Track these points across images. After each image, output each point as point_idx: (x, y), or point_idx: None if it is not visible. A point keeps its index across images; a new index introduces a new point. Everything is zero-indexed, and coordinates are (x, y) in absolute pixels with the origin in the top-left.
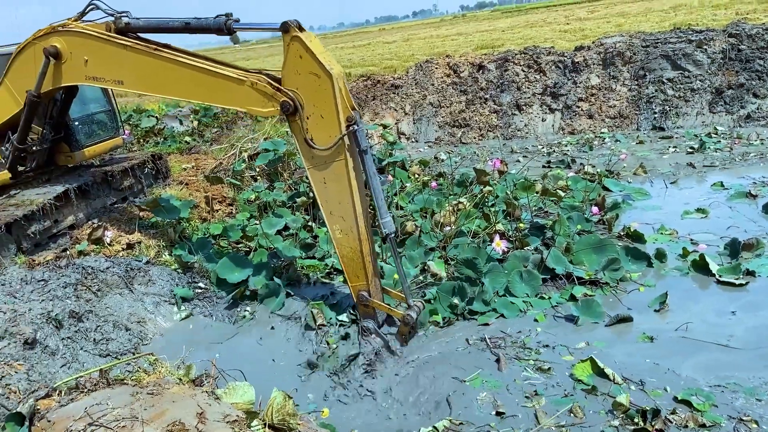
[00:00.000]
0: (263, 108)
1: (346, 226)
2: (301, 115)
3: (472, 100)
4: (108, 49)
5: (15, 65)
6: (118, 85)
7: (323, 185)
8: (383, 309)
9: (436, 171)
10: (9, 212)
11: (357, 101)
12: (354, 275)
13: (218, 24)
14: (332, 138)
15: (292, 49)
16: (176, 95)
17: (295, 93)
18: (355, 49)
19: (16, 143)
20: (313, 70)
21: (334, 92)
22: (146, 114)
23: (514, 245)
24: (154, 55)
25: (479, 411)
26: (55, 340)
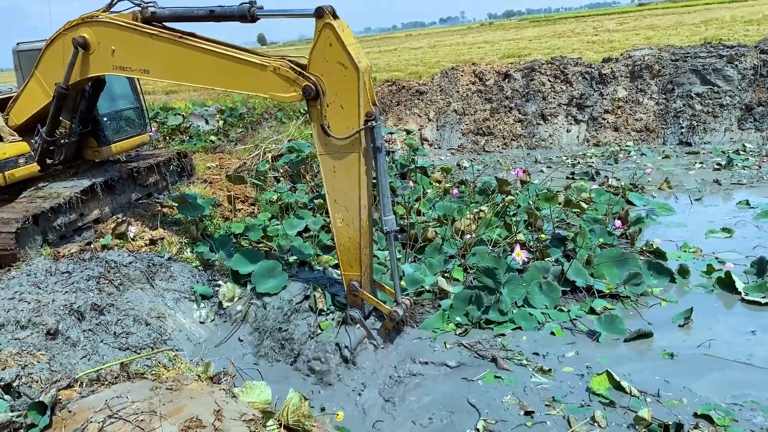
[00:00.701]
0: (285, 93)
1: (348, 217)
2: (321, 101)
3: (496, 108)
4: (135, 39)
5: (45, 57)
6: (144, 74)
7: (332, 173)
8: (372, 302)
9: (458, 178)
10: (37, 204)
11: (381, 106)
12: (348, 265)
13: (242, 11)
14: (349, 129)
15: (323, 36)
16: (201, 82)
17: (319, 79)
18: (381, 54)
19: (44, 135)
20: (341, 59)
21: (359, 86)
22: (173, 112)
23: (535, 256)
24: (179, 43)
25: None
26: (77, 331)
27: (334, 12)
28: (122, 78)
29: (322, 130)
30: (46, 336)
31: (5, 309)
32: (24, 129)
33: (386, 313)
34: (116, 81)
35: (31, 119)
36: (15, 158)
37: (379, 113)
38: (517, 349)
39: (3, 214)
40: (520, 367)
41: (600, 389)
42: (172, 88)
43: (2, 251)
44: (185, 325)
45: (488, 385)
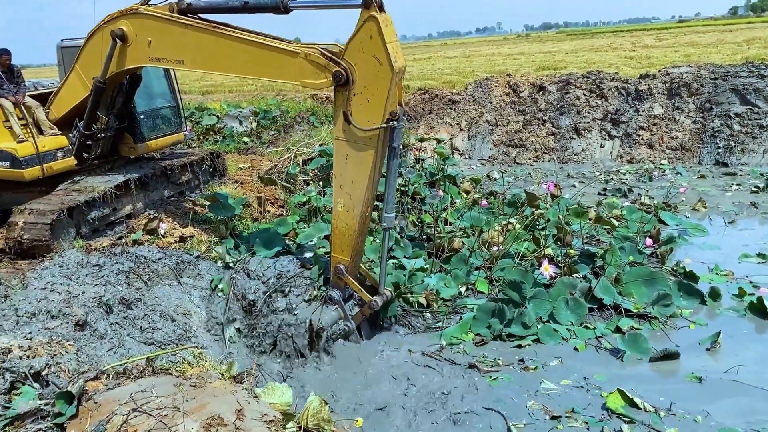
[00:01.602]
0: (316, 80)
1: (349, 204)
2: (349, 89)
3: (529, 120)
4: (171, 29)
5: (85, 50)
6: (179, 65)
7: (344, 160)
8: (355, 288)
9: (488, 189)
10: (72, 197)
11: (413, 114)
12: (339, 249)
13: (275, 2)
14: (370, 123)
15: (366, 27)
16: (234, 71)
17: (351, 67)
18: (416, 62)
19: (82, 129)
20: (378, 54)
21: (390, 84)
22: (208, 112)
23: (562, 271)
24: (213, 32)
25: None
26: (104, 324)
27: (381, 5)
28: (160, 77)
29: (344, 116)
30: (75, 327)
31: (37, 298)
32: (63, 123)
33: (367, 301)
34: (155, 79)
35: (70, 113)
36: (54, 152)
37: (402, 114)
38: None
39: (39, 206)
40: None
41: (616, 406)
42: (208, 88)
43: (37, 242)
44: (210, 323)
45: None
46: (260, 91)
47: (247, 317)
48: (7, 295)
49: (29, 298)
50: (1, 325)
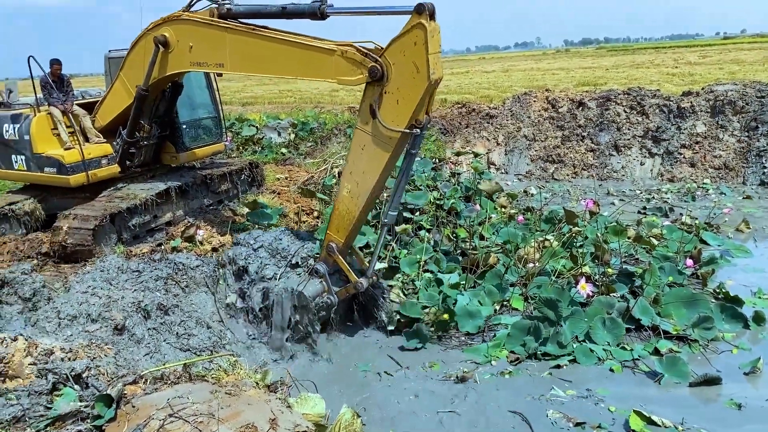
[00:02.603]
0: (352, 76)
1: (355, 192)
2: (382, 85)
3: (568, 136)
4: (211, 33)
5: (129, 58)
6: (219, 68)
7: (360, 150)
8: (343, 267)
9: (524, 205)
10: (115, 204)
11: (449, 128)
12: (335, 229)
13: (312, 8)
14: (394, 123)
15: (413, 33)
16: (272, 72)
17: (388, 66)
18: (453, 76)
19: (125, 137)
20: (418, 62)
21: (422, 94)
22: (248, 123)
23: (600, 290)
24: (251, 34)
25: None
26: (142, 329)
27: (433, 13)
28: (203, 87)
29: (371, 110)
30: (113, 331)
31: (78, 302)
32: (108, 131)
33: (352, 281)
34: (197, 90)
35: (114, 121)
36: (99, 159)
37: (428, 123)
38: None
39: (83, 212)
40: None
41: (637, 427)
42: (248, 100)
43: (80, 246)
44: (245, 331)
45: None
46: (298, 103)
47: (238, 282)
48: (50, 298)
49: (71, 301)
50: (44, 327)
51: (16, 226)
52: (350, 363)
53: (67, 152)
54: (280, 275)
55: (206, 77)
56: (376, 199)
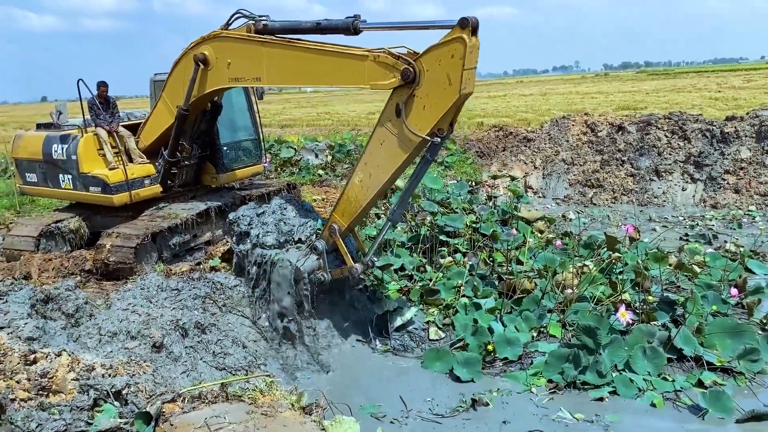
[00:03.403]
0: (385, 80)
1: (366, 183)
2: (413, 87)
3: (607, 160)
4: (248, 48)
5: (171, 78)
6: (256, 82)
7: (379, 145)
8: (342, 250)
9: (562, 230)
10: (156, 223)
11: (486, 150)
12: (341, 213)
13: (346, 24)
14: (417, 127)
15: (452, 46)
16: (307, 82)
17: (422, 71)
18: (491, 99)
19: (166, 157)
20: (452, 75)
21: (450, 106)
22: (286, 145)
23: (640, 318)
24: (287, 47)
25: None
26: (180, 347)
27: (476, 28)
28: (244, 110)
29: (397, 109)
30: (152, 348)
31: (119, 319)
32: (151, 151)
33: (348, 265)
34: (239, 113)
35: (157, 141)
36: (141, 179)
37: (449, 134)
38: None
39: (125, 230)
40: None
41: None
42: (287, 122)
43: (122, 264)
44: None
45: None
46: (336, 126)
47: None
48: (92, 314)
49: (111, 318)
50: (85, 343)
51: (62, 243)
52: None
53: (111, 172)
54: (279, 245)
55: (247, 100)
56: (384, 193)
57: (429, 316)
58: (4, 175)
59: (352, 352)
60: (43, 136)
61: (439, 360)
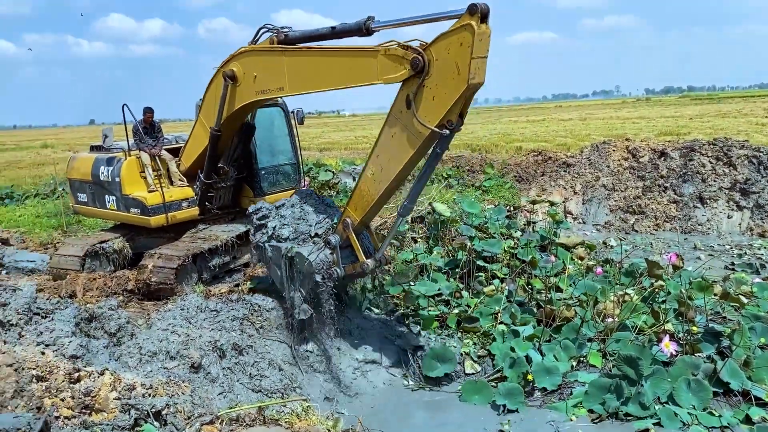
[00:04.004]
0: (396, 73)
1: (378, 176)
2: (422, 77)
3: (649, 187)
4: (271, 59)
5: (205, 99)
6: (280, 92)
7: (390, 137)
8: (354, 245)
9: (603, 257)
10: (197, 244)
11: (525, 175)
12: (354, 206)
13: (358, 25)
14: (426, 119)
15: (460, 34)
16: (324, 85)
17: (432, 60)
18: (529, 124)
19: (202, 178)
20: (460, 64)
21: (459, 96)
22: (324, 168)
23: (684, 349)
24: (304, 53)
25: None
26: (217, 368)
27: (486, 15)
28: (284, 135)
29: (407, 99)
30: (190, 369)
31: (159, 339)
32: (191, 174)
33: (360, 261)
34: (279, 138)
35: (195, 164)
36: (179, 202)
37: (459, 126)
38: None
39: (167, 251)
40: None
41: None
42: (325, 145)
43: (163, 284)
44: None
45: None
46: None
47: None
48: (133, 334)
49: (152, 337)
50: (126, 362)
51: (106, 263)
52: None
53: (150, 195)
54: (294, 238)
55: (287, 125)
56: (397, 187)
57: (464, 347)
58: (53, 195)
59: (389, 380)
60: (92, 158)
61: (477, 393)
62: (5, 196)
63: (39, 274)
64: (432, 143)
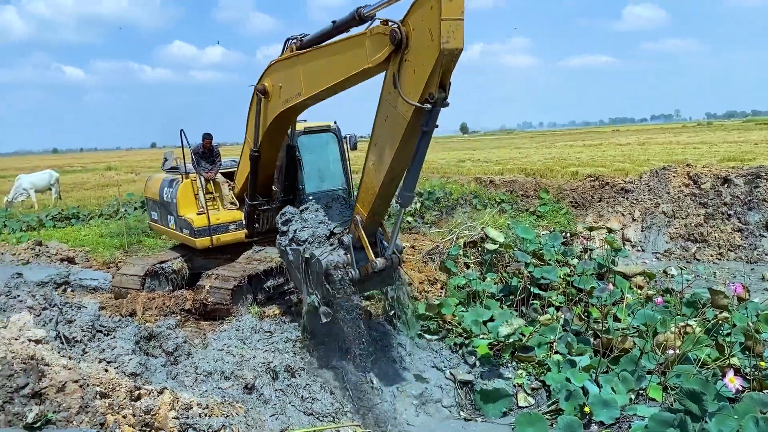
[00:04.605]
0: (381, 51)
1: (378, 164)
2: (402, 52)
3: (712, 214)
4: (289, 66)
5: (248, 119)
6: (298, 98)
7: (384, 120)
8: (363, 242)
9: (663, 286)
10: (253, 266)
11: (581, 201)
12: (362, 202)
13: (352, 15)
14: (411, 96)
15: None
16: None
17: (409, 31)
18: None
19: (247, 200)
20: (433, 29)
21: (435, 63)
22: None
23: (751, 385)
24: (310, 54)
25: None
26: (270, 390)
27: None
28: (337, 161)
29: (393, 79)
30: (243, 389)
31: (214, 359)
32: (243, 197)
33: (369, 259)
34: (331, 163)
35: (244, 186)
36: (226, 224)
37: (443, 99)
38: None
39: (224, 272)
40: None
41: None
42: None
43: (219, 305)
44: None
45: None
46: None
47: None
48: (189, 353)
49: (207, 357)
50: (182, 381)
51: (165, 282)
52: None
53: (197, 217)
54: (312, 241)
55: (340, 149)
56: (398, 176)
57: (518, 378)
58: (116, 216)
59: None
60: (161, 179)
61: (532, 425)
62: (72, 216)
63: (102, 292)
64: (420, 122)
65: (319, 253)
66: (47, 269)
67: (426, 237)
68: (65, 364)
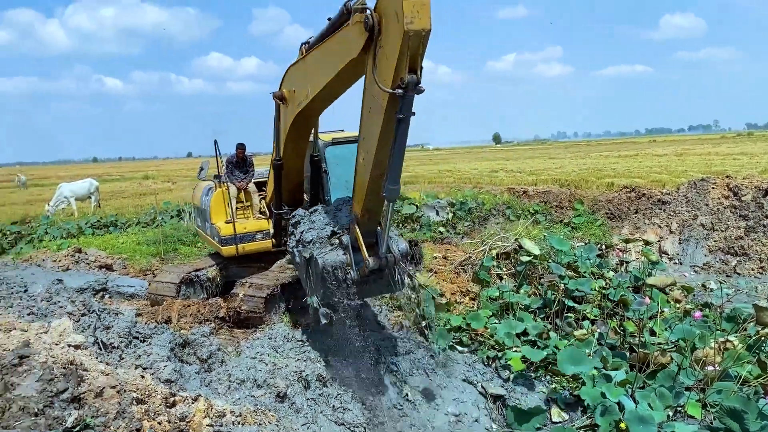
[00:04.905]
0: (360, 37)
1: (367, 159)
2: (376, 40)
3: (753, 227)
4: (298, 69)
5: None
6: (307, 99)
7: (368, 111)
8: (358, 240)
9: (702, 300)
10: (286, 275)
11: (617, 213)
12: (356, 200)
13: (341, 10)
14: (384, 82)
15: None
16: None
17: (381, 16)
18: (621, 159)
19: (273, 209)
20: (398, 10)
21: (401, 45)
22: (408, 201)
23: None
24: (310, 53)
25: None
26: (301, 398)
27: None
28: None
29: (372, 66)
30: (276, 398)
31: (247, 367)
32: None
33: (363, 258)
34: None
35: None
36: (253, 234)
37: (415, 84)
38: None
39: (258, 281)
40: None
41: None
42: (409, 179)
43: (253, 313)
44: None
45: None
46: (457, 183)
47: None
48: (223, 361)
49: (241, 365)
50: (216, 389)
51: (200, 290)
52: None
53: (224, 225)
54: (316, 242)
55: None
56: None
57: (552, 393)
58: (152, 224)
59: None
60: (202, 187)
61: None
62: (110, 224)
63: (138, 299)
64: (395, 109)
65: (317, 253)
66: (86, 276)
67: (458, 247)
68: (103, 369)
